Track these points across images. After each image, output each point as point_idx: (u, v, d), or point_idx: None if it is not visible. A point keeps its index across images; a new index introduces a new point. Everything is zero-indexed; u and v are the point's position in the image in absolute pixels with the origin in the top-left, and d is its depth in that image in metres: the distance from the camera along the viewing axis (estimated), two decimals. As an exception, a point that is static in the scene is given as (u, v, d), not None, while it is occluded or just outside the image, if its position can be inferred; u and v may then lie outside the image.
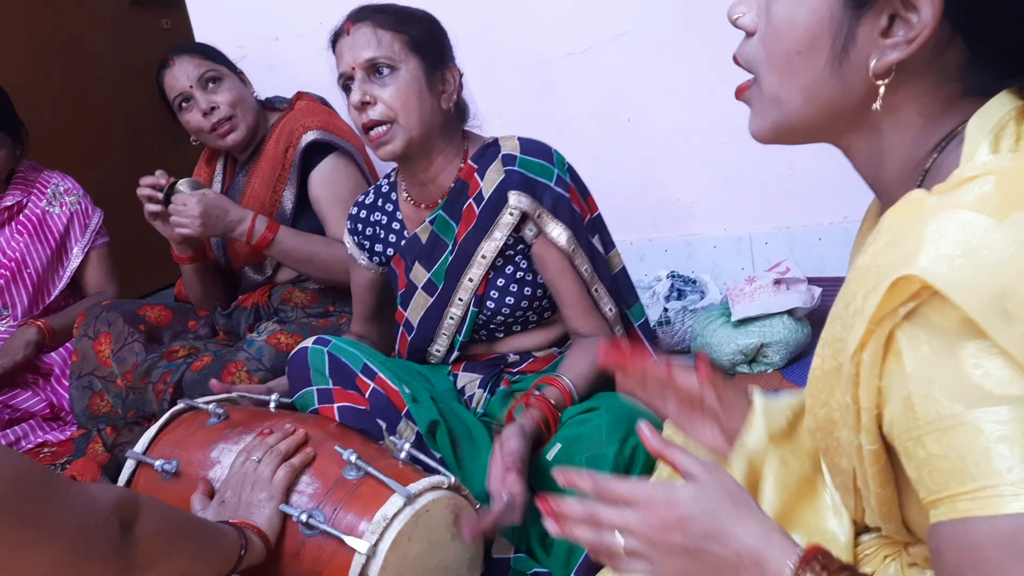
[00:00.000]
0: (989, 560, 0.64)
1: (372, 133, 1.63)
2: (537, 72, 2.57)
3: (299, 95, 2.40)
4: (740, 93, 0.88)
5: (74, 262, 2.57)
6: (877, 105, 0.78)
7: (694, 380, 1.09)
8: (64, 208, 2.55)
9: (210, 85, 2.20)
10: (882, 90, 0.77)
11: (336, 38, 1.67)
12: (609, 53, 2.51)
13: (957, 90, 0.79)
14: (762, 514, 0.85)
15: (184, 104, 2.21)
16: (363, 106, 1.61)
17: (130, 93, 3.96)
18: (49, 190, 2.54)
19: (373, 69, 1.61)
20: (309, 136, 2.20)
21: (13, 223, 2.50)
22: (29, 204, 2.51)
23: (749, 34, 0.86)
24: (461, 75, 1.70)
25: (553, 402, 1.51)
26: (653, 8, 2.45)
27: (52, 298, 2.56)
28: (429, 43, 1.66)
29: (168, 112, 2.27)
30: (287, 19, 2.79)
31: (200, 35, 2.90)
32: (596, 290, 1.68)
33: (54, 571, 0.86)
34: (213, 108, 2.18)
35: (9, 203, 2.49)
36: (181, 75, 2.19)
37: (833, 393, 0.79)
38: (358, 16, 1.65)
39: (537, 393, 1.53)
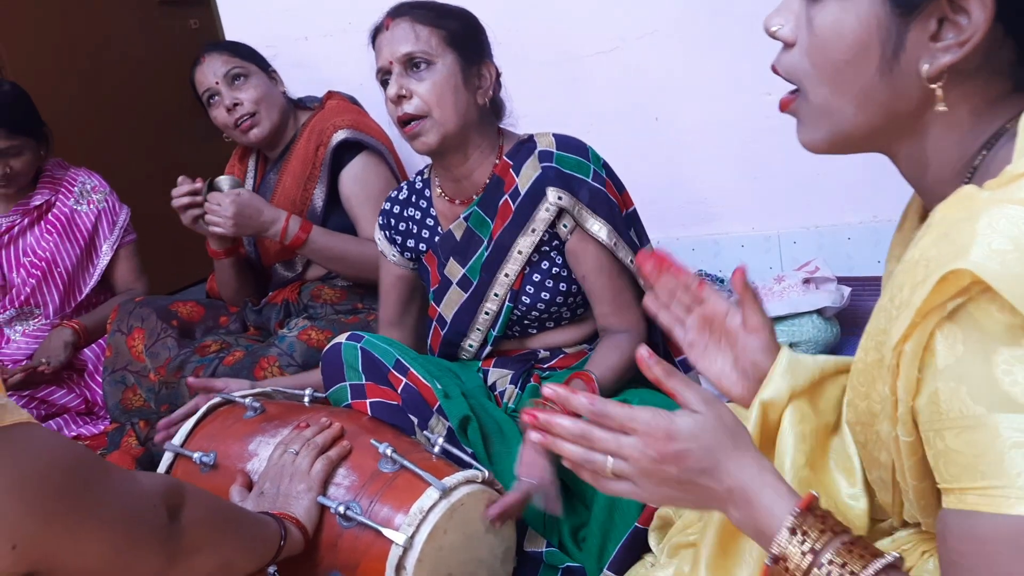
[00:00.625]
0: (991, 554, 0.68)
1: (407, 127, 1.64)
2: (565, 70, 2.57)
3: (330, 94, 2.42)
4: (785, 106, 0.88)
5: (104, 259, 2.59)
6: (942, 107, 0.78)
7: (721, 300, 1.08)
8: (92, 206, 2.57)
9: (236, 82, 2.23)
10: (939, 92, 0.77)
11: (376, 33, 1.69)
12: (637, 51, 2.51)
13: (1007, 86, 0.79)
14: (757, 453, 0.85)
15: (212, 100, 2.25)
16: (399, 99, 1.63)
17: (159, 92, 4.00)
18: (76, 188, 2.57)
19: (410, 63, 1.63)
20: (340, 135, 2.22)
21: (42, 222, 2.53)
22: (57, 203, 2.54)
23: (788, 45, 0.85)
24: (498, 72, 1.71)
25: None
26: (682, 6, 2.45)
27: (83, 296, 2.58)
28: (467, 38, 1.67)
29: (203, 109, 2.30)
30: (316, 19, 2.80)
31: (229, 35, 2.92)
32: (641, 282, 1.69)
33: (108, 555, 0.88)
34: (236, 104, 2.22)
35: (38, 202, 2.51)
36: (209, 72, 2.24)
37: (875, 385, 0.79)
38: (397, 11, 1.66)
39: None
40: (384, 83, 1.67)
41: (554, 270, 1.68)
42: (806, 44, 0.83)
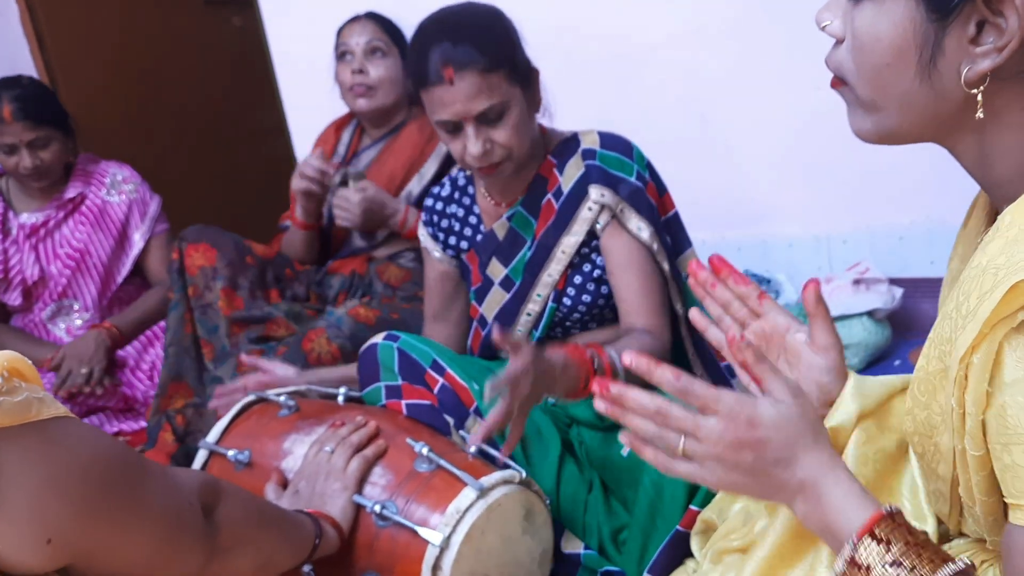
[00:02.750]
0: None
1: (486, 168, 1.59)
2: (611, 67, 2.55)
3: None
4: (835, 85, 0.86)
5: (136, 249, 2.61)
6: (980, 114, 0.75)
7: (782, 315, 1.05)
8: (123, 197, 2.60)
9: (373, 54, 2.33)
10: (980, 98, 0.75)
11: (429, 83, 1.56)
12: (684, 48, 2.48)
13: None
14: (833, 452, 0.85)
15: (344, 57, 2.35)
16: (485, 154, 1.57)
17: (204, 91, 4.03)
18: (107, 180, 2.59)
19: (484, 116, 1.55)
20: None
21: (76, 214, 2.56)
22: (89, 195, 2.57)
23: (838, 41, 0.84)
24: (538, 72, 1.67)
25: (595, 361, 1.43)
26: (730, 3, 2.42)
27: (117, 285, 2.61)
28: (519, 62, 1.61)
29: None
30: (357, 13, 2.80)
31: (273, 33, 2.94)
32: (669, 287, 1.66)
33: (146, 551, 0.88)
34: (362, 71, 2.31)
35: (71, 195, 2.55)
36: (355, 33, 2.34)
37: (936, 396, 0.77)
38: (457, 62, 1.53)
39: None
40: (448, 131, 1.59)
41: (595, 272, 1.65)
42: (850, 43, 0.82)
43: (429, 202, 1.86)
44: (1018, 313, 0.66)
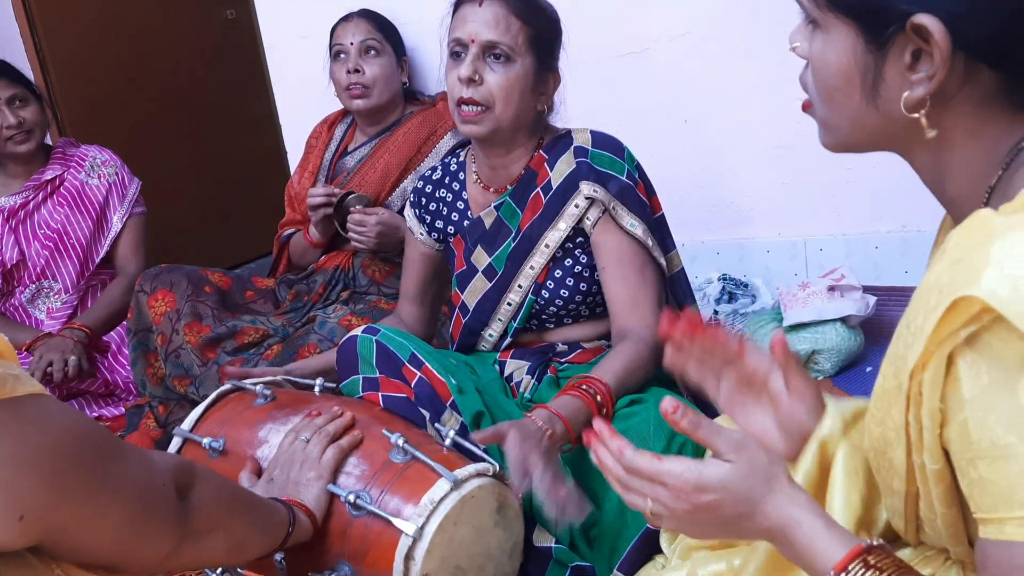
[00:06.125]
0: None
1: (465, 109, 1.63)
2: (595, 71, 2.56)
3: (442, 95, 2.49)
4: (805, 108, 0.92)
5: (114, 230, 2.63)
6: (930, 134, 0.80)
7: (764, 360, 1.02)
8: (102, 179, 2.62)
9: (367, 53, 2.34)
10: (923, 120, 0.79)
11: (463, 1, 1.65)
12: (668, 53, 2.50)
13: (1005, 107, 0.79)
14: (792, 491, 0.85)
15: (339, 56, 2.36)
16: (469, 82, 1.61)
17: (195, 82, 4.03)
18: (87, 162, 2.61)
19: (490, 50, 1.61)
20: (455, 134, 2.33)
21: (55, 196, 2.57)
22: (68, 177, 2.58)
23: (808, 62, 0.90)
24: (560, 81, 1.71)
25: (597, 396, 1.48)
26: (713, 9, 2.44)
27: (95, 266, 2.62)
28: (548, 43, 1.67)
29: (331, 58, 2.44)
30: (351, 8, 2.80)
31: (265, 25, 2.94)
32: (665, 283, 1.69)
33: (117, 531, 0.88)
34: (357, 70, 2.32)
35: (49, 176, 2.56)
36: (349, 32, 2.37)
37: (891, 412, 0.78)
38: None
39: (578, 383, 1.50)
40: (454, 54, 1.64)
41: (577, 268, 1.68)
42: (810, 66, 0.88)
43: (419, 184, 1.89)
44: (960, 331, 0.68)
